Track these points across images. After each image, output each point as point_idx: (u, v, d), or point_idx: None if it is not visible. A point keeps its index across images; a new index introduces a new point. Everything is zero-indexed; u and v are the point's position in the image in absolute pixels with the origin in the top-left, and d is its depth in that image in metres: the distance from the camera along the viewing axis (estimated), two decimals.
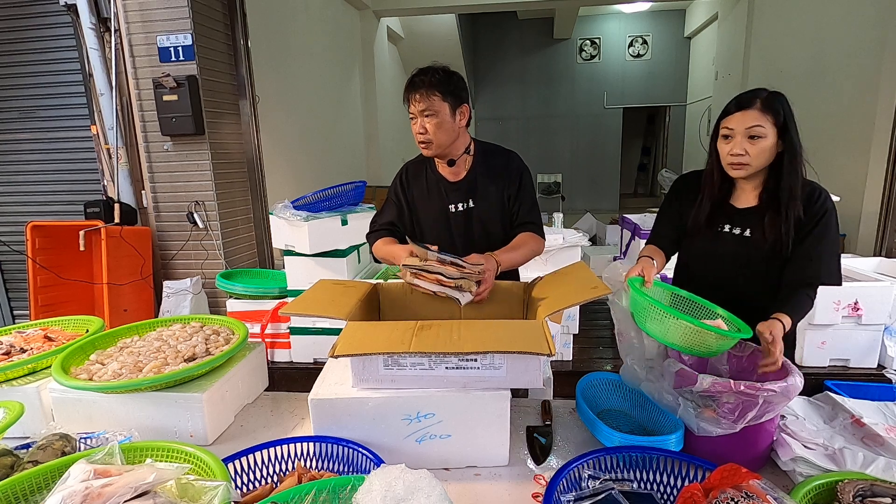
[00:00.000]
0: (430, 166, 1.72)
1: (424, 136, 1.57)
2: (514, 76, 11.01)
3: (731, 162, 1.34)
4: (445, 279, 1.38)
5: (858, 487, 0.89)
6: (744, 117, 1.31)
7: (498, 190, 1.66)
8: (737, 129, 1.32)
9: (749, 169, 1.33)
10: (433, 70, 1.56)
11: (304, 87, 5.37)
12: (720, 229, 1.44)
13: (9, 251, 3.53)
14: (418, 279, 1.41)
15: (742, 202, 1.44)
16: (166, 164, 3.28)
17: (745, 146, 1.31)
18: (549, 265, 2.84)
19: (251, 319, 2.82)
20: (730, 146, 1.34)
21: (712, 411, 1.08)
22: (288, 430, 1.35)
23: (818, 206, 1.33)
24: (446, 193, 1.68)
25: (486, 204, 1.67)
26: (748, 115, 1.31)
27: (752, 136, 1.30)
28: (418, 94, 1.53)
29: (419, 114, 1.56)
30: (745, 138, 1.31)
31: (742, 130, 1.31)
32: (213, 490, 0.81)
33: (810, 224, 1.33)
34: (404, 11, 7.66)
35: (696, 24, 9.52)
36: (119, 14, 3.08)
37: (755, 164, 1.32)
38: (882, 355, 2.54)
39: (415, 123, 1.58)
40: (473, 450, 1.15)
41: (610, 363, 2.94)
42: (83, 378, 1.29)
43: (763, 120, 1.29)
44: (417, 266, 1.41)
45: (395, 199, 1.75)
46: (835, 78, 4.71)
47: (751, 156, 1.31)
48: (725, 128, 1.35)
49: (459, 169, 1.68)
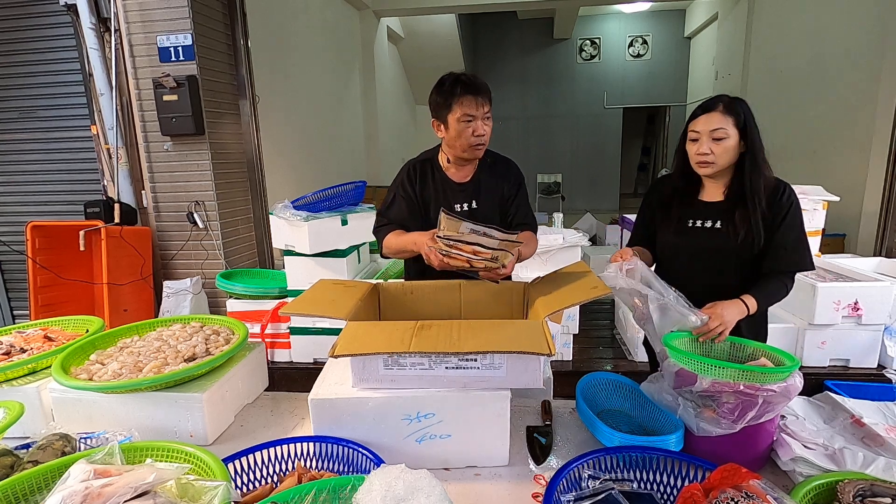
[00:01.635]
0: (435, 166, 1.73)
1: (484, 137, 1.61)
2: (514, 76, 11.01)
3: (698, 161, 1.47)
4: (483, 250, 1.35)
5: (858, 487, 0.89)
6: (708, 120, 1.44)
7: (499, 192, 1.74)
8: (702, 130, 1.44)
9: (714, 167, 1.45)
10: (477, 76, 1.62)
11: (304, 87, 5.37)
12: (690, 224, 1.55)
13: (9, 251, 3.53)
14: (454, 251, 1.36)
15: (709, 198, 1.55)
16: (166, 164, 3.28)
17: (711, 146, 1.43)
18: (549, 265, 2.84)
19: (251, 319, 2.82)
20: (696, 147, 1.46)
21: (712, 411, 1.08)
22: (288, 430, 1.35)
23: (784, 200, 1.45)
24: (452, 193, 1.71)
25: (489, 205, 1.73)
26: (712, 117, 1.43)
27: (715, 137, 1.42)
28: (480, 97, 1.58)
29: (482, 116, 1.59)
30: (710, 139, 1.43)
31: (707, 132, 1.43)
32: (213, 490, 0.81)
33: (779, 217, 1.44)
34: (404, 11, 7.67)
35: (696, 24, 9.52)
36: (119, 14, 3.08)
37: (719, 162, 1.44)
38: (882, 355, 2.54)
39: (473, 124, 1.58)
40: (473, 450, 1.15)
41: (610, 363, 2.94)
42: (83, 378, 1.29)
43: (725, 122, 1.42)
44: (455, 237, 1.36)
45: (404, 194, 1.73)
46: (835, 78, 4.71)
47: (715, 154, 1.43)
48: (692, 130, 1.47)
49: (467, 171, 1.72)
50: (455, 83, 1.58)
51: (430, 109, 1.65)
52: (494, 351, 1.07)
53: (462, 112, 1.56)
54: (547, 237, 2.83)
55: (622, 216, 3.81)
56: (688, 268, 1.57)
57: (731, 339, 1.34)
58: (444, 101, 1.59)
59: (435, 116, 1.64)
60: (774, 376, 1.06)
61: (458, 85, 1.57)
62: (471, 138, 1.60)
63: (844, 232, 4.27)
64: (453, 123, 1.59)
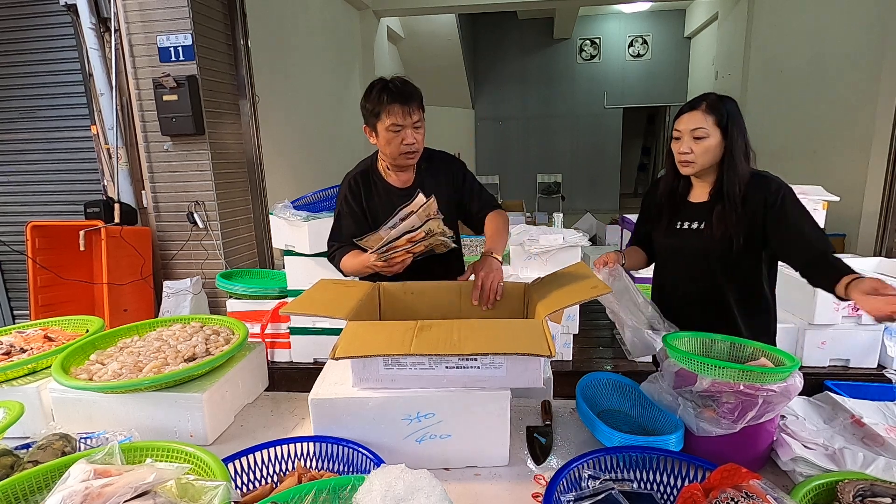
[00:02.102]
0: (376, 175, 1.70)
1: (414, 146, 1.57)
2: (514, 76, 11.01)
3: (679, 160, 1.48)
4: (412, 233, 1.38)
5: (858, 487, 0.89)
6: (689, 119, 1.44)
7: (447, 189, 1.71)
8: (683, 130, 1.45)
9: (695, 166, 1.45)
10: (407, 82, 1.56)
11: (304, 87, 5.37)
12: (679, 226, 1.55)
13: (9, 251, 3.53)
14: (396, 256, 1.40)
15: (696, 198, 1.56)
16: (166, 164, 3.28)
17: (691, 145, 1.44)
18: (549, 265, 2.84)
19: (251, 319, 2.82)
20: (678, 146, 1.47)
21: (712, 411, 1.08)
22: (288, 430, 1.35)
23: (775, 189, 1.41)
24: (397, 199, 1.64)
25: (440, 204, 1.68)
26: (693, 117, 1.44)
27: (695, 136, 1.43)
28: (409, 105, 1.52)
29: (411, 125, 1.54)
30: (690, 139, 1.44)
31: (688, 131, 1.44)
32: (213, 490, 0.81)
33: (782, 208, 1.40)
34: (404, 11, 7.67)
35: (696, 24, 9.52)
36: (119, 14, 3.08)
37: (700, 161, 1.44)
38: (882, 355, 2.54)
39: (401, 133, 1.53)
40: (473, 450, 1.15)
41: (610, 363, 2.94)
42: (83, 378, 1.29)
43: (705, 122, 1.42)
44: (382, 244, 1.40)
45: (349, 210, 1.68)
46: (835, 78, 4.71)
47: (695, 154, 1.44)
48: (675, 129, 1.49)
49: (408, 175, 1.70)
50: (383, 90, 1.51)
51: (363, 113, 1.59)
52: (495, 353, 1.07)
53: (390, 121, 1.51)
54: (547, 237, 2.83)
55: (622, 216, 3.81)
56: (680, 269, 1.58)
57: (730, 338, 1.32)
58: (371, 108, 1.53)
59: (365, 123, 1.59)
60: (774, 376, 1.06)
61: (385, 93, 1.51)
62: (400, 146, 1.55)
63: (844, 232, 4.27)
64: (382, 132, 1.54)
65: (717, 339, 1.32)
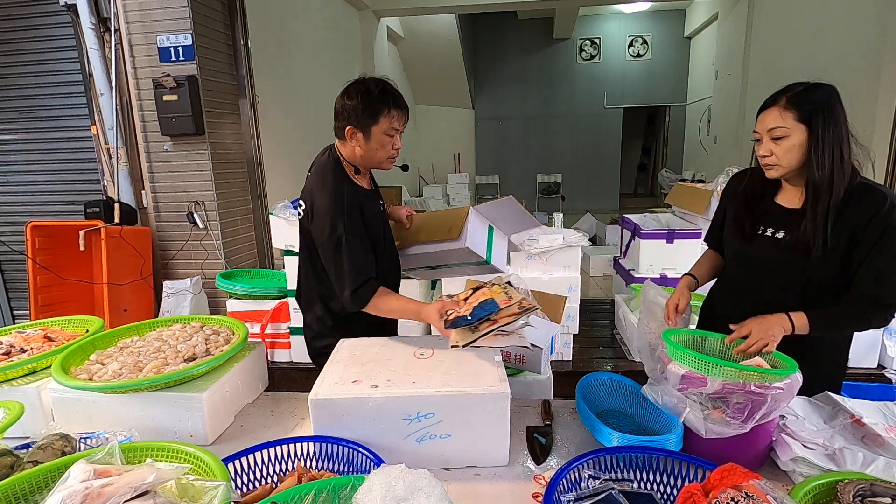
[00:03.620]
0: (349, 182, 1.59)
1: (398, 152, 1.60)
2: (514, 76, 11.00)
3: (762, 164, 1.34)
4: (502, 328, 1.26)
5: (858, 487, 0.89)
6: (764, 119, 1.30)
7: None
8: (761, 131, 1.31)
9: (780, 169, 1.30)
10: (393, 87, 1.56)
11: (304, 87, 5.37)
12: (760, 232, 1.39)
13: (9, 251, 3.53)
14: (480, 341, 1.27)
15: (786, 202, 1.38)
16: (166, 164, 3.28)
17: (771, 147, 1.29)
18: (550, 265, 2.85)
19: (251, 319, 2.82)
20: (759, 148, 1.33)
21: (721, 412, 1.07)
22: (288, 430, 1.35)
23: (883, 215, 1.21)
24: (370, 204, 1.62)
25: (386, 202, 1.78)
26: (768, 115, 1.29)
27: (774, 137, 1.28)
28: (404, 112, 1.53)
29: (401, 131, 1.56)
30: (769, 140, 1.29)
31: (765, 131, 1.30)
32: (213, 490, 0.81)
33: (874, 235, 1.22)
34: (404, 11, 7.66)
35: (696, 24, 9.52)
36: (119, 14, 3.08)
37: (783, 163, 1.29)
38: (882, 355, 2.54)
39: (394, 138, 1.54)
40: (473, 450, 1.15)
41: (610, 363, 2.94)
42: (83, 378, 1.29)
43: (782, 119, 1.26)
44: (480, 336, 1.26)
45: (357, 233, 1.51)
46: (835, 78, 4.64)
47: (777, 156, 1.28)
48: (755, 131, 1.34)
49: (367, 177, 1.71)
50: (385, 93, 1.48)
51: (343, 114, 1.51)
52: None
53: (388, 125, 1.49)
54: (547, 237, 2.82)
55: (622, 216, 3.80)
56: (750, 280, 1.43)
57: (722, 336, 1.29)
58: (370, 110, 1.47)
59: (352, 123, 1.49)
60: (781, 375, 1.06)
61: (387, 96, 1.49)
62: (391, 151, 1.55)
63: None
64: (377, 135, 1.50)
65: (709, 336, 1.32)
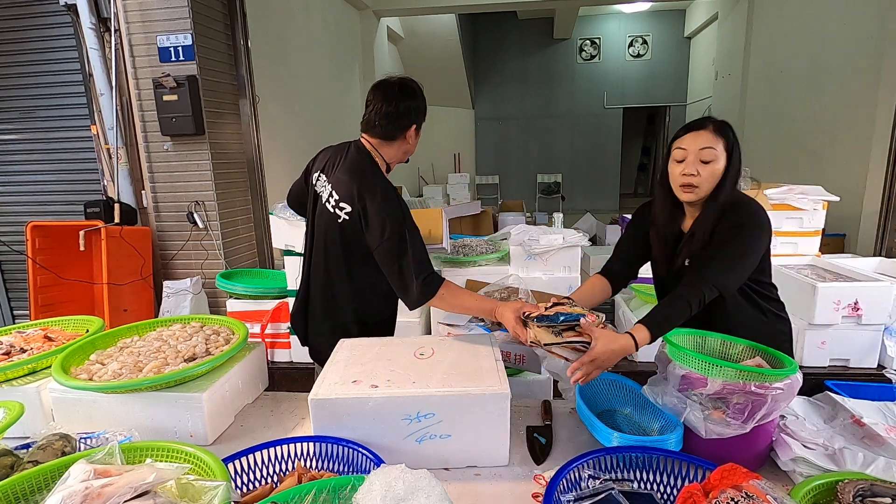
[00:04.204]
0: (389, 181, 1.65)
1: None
2: (514, 76, 11.01)
3: (682, 182, 1.32)
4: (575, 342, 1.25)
5: (858, 487, 0.89)
6: (697, 138, 1.31)
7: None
8: (690, 148, 1.31)
9: (699, 192, 1.31)
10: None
11: (304, 87, 5.37)
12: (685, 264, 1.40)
13: (9, 251, 3.53)
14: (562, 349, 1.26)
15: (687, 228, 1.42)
16: (166, 164, 3.28)
17: (698, 167, 1.30)
18: (550, 265, 2.84)
19: (251, 319, 2.82)
20: (682, 167, 1.32)
21: (721, 412, 1.07)
22: (288, 430, 1.35)
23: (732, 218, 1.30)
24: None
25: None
26: (701, 136, 1.30)
27: (703, 159, 1.29)
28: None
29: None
30: (697, 160, 1.30)
31: (695, 150, 1.30)
32: (213, 490, 0.81)
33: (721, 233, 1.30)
34: (404, 11, 7.67)
35: (696, 24, 9.53)
36: (119, 14, 3.08)
37: (704, 186, 1.31)
38: (882, 355, 2.54)
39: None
40: (473, 450, 1.15)
41: None
42: (83, 378, 1.29)
43: (715, 142, 1.29)
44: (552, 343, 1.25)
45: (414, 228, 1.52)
46: (835, 78, 4.71)
47: (701, 177, 1.30)
48: (678, 148, 1.33)
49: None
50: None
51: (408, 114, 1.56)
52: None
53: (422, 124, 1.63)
54: (547, 237, 2.82)
55: (622, 216, 3.81)
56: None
57: (721, 336, 1.30)
58: (425, 110, 1.61)
59: (417, 122, 1.59)
60: (780, 375, 1.06)
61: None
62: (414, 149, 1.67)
63: (844, 232, 4.27)
64: (418, 134, 1.64)
65: (709, 336, 1.32)
